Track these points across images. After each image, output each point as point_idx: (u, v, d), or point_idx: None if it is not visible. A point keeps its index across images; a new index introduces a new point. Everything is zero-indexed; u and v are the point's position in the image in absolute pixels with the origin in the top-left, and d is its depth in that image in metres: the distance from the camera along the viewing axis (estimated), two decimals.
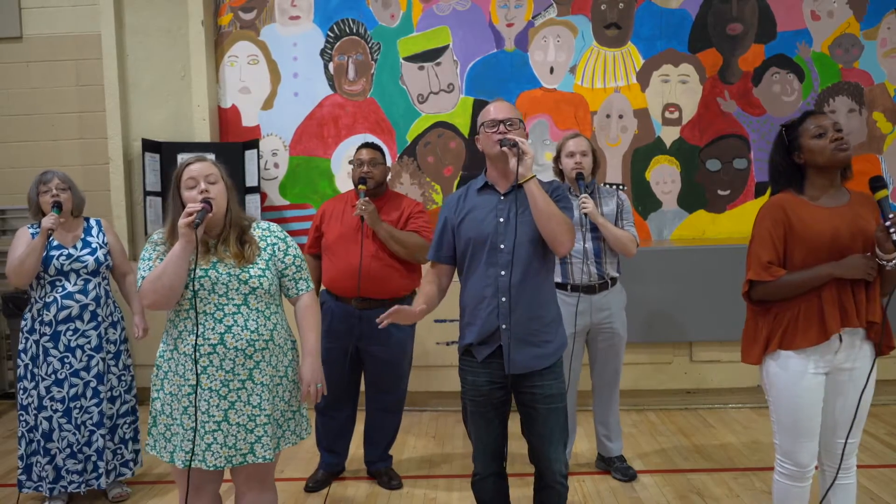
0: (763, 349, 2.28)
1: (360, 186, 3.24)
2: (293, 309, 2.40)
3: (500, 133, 2.29)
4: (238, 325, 2.17)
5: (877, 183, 2.17)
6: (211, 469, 2.18)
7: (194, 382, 2.15)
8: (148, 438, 2.29)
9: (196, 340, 2.14)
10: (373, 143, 3.45)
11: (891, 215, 2.08)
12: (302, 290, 2.35)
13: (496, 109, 2.35)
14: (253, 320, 2.19)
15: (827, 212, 2.22)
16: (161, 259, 2.18)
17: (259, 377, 2.19)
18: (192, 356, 2.14)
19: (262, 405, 2.19)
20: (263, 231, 2.32)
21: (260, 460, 2.20)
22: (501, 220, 2.32)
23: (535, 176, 2.25)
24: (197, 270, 2.16)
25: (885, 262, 2.12)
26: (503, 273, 2.29)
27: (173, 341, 2.21)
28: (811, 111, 2.28)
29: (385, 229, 3.21)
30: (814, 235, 2.19)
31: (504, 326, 2.29)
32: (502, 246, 2.30)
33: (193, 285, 2.15)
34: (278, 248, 2.31)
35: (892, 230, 2.05)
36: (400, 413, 3.53)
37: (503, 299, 2.29)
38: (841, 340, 2.20)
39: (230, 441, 2.17)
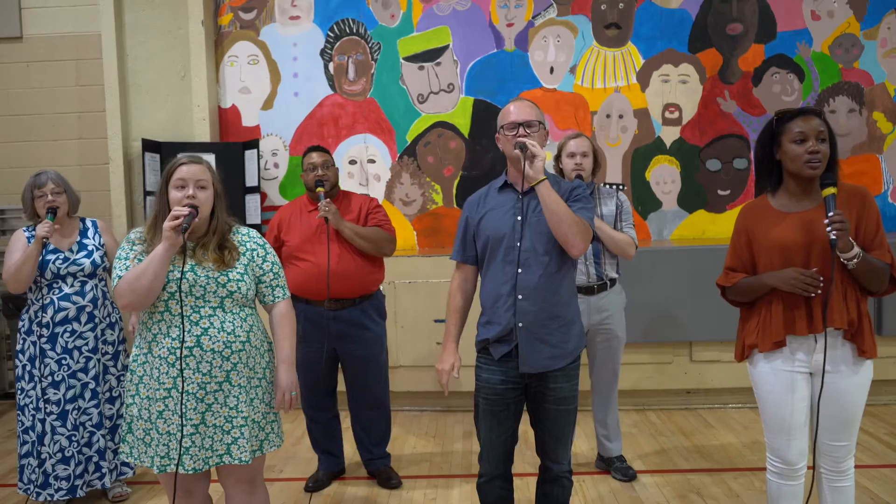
0: (742, 349, 2.37)
1: (318, 189, 3.25)
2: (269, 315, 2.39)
3: (518, 136, 2.30)
4: (214, 328, 2.15)
5: (825, 180, 2.15)
6: (190, 472, 2.16)
7: (169, 386, 2.13)
8: (122, 445, 2.25)
9: (182, 343, 2.12)
10: (320, 146, 3.46)
11: (830, 214, 2.07)
12: (278, 297, 2.34)
13: (516, 111, 2.33)
14: (230, 322, 2.18)
15: (788, 217, 2.23)
16: (139, 259, 2.16)
17: (236, 379, 2.18)
18: (167, 359, 2.13)
19: (239, 406, 2.18)
20: (243, 236, 2.31)
21: (236, 461, 2.18)
22: (519, 218, 2.32)
23: (545, 178, 2.23)
24: (175, 272, 2.14)
25: (845, 262, 2.12)
26: (520, 271, 2.29)
27: (147, 345, 2.18)
28: (806, 109, 2.24)
29: (349, 227, 3.23)
30: (768, 241, 2.24)
31: (521, 325, 2.29)
32: (519, 244, 2.29)
33: (179, 288, 2.13)
34: (257, 255, 2.30)
35: (828, 229, 2.06)
36: (386, 409, 3.52)
37: (520, 297, 2.29)
38: (816, 342, 2.20)
39: (207, 443, 2.16)
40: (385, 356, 3.50)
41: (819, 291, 2.14)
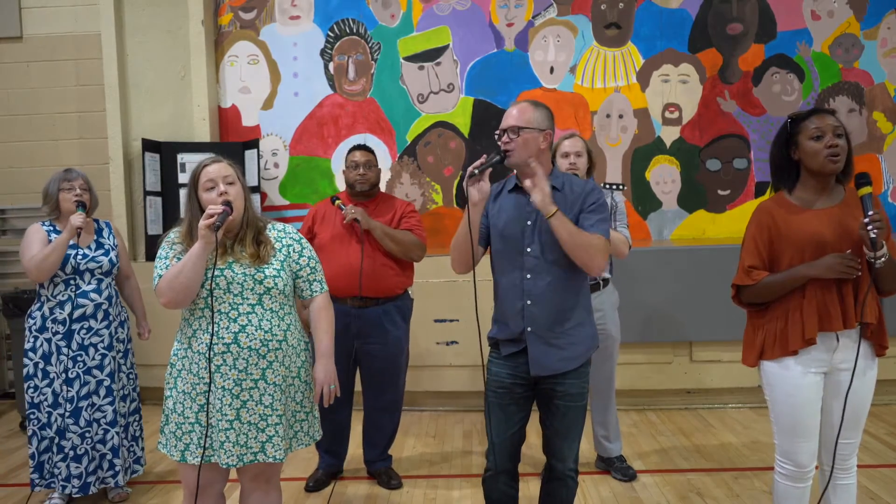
0: (759, 354, 2.31)
1: (336, 202, 3.31)
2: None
3: (502, 143, 2.29)
4: (252, 325, 2.18)
5: (861, 179, 2.15)
6: (224, 467, 2.20)
7: (209, 381, 2.17)
8: (160, 437, 2.30)
9: (211, 339, 2.16)
10: (365, 145, 3.48)
11: (870, 212, 2.07)
12: (316, 291, 2.38)
13: (506, 115, 2.32)
14: (267, 320, 2.21)
15: (814, 214, 2.22)
16: (178, 258, 2.20)
17: (272, 377, 2.21)
18: (206, 355, 2.16)
19: (274, 405, 2.21)
20: (279, 232, 2.34)
21: (270, 459, 2.21)
22: (529, 222, 2.31)
23: (556, 211, 2.18)
24: (213, 269, 2.18)
25: (873, 260, 2.11)
26: (528, 276, 2.29)
27: (187, 340, 2.22)
28: (820, 109, 2.25)
29: (380, 228, 3.24)
30: (797, 238, 2.21)
31: (529, 329, 2.29)
32: (528, 249, 2.29)
33: (210, 284, 2.17)
34: (293, 250, 2.32)
35: (870, 227, 2.05)
36: (398, 412, 3.53)
37: (528, 302, 2.29)
38: (838, 340, 2.20)
39: (242, 440, 2.19)
40: (405, 361, 3.49)
41: (860, 272, 2.13)
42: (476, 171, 2.22)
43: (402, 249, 3.28)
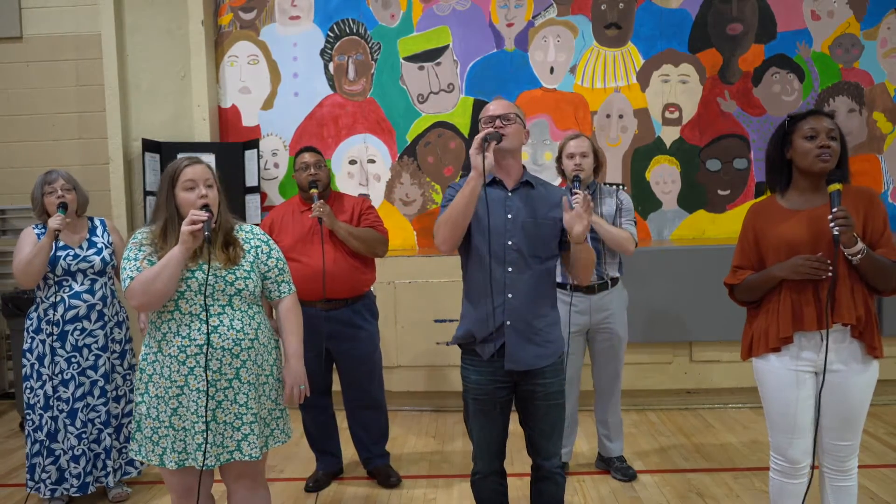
0: (748, 349, 2.37)
1: (312, 190, 3.27)
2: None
3: (495, 127, 2.30)
4: (224, 325, 2.18)
5: (831, 176, 2.19)
6: (202, 468, 2.18)
7: (182, 383, 2.16)
8: (132, 443, 2.28)
9: (208, 340, 2.15)
10: (312, 146, 3.48)
11: (833, 209, 2.09)
12: (284, 293, 2.37)
13: (494, 107, 2.37)
14: (238, 320, 2.21)
15: (796, 214, 2.25)
16: (148, 260, 2.19)
17: (245, 376, 2.21)
18: (178, 357, 2.15)
19: (249, 403, 2.21)
20: (247, 234, 2.33)
21: (246, 458, 2.20)
22: (510, 216, 2.32)
23: (585, 240, 2.25)
24: (184, 272, 2.17)
25: (850, 258, 2.13)
26: (510, 269, 2.30)
27: (157, 343, 2.20)
28: (818, 110, 2.28)
29: (344, 228, 3.24)
30: (773, 240, 2.27)
31: (508, 323, 2.30)
32: (510, 243, 2.30)
33: (180, 286, 2.16)
34: (261, 251, 2.32)
35: (832, 224, 2.08)
36: (381, 409, 3.53)
37: (510, 296, 2.30)
38: (822, 340, 2.20)
39: (218, 440, 2.18)
40: (378, 355, 3.51)
41: (829, 273, 2.14)
42: (489, 137, 2.23)
43: (366, 247, 3.29)
